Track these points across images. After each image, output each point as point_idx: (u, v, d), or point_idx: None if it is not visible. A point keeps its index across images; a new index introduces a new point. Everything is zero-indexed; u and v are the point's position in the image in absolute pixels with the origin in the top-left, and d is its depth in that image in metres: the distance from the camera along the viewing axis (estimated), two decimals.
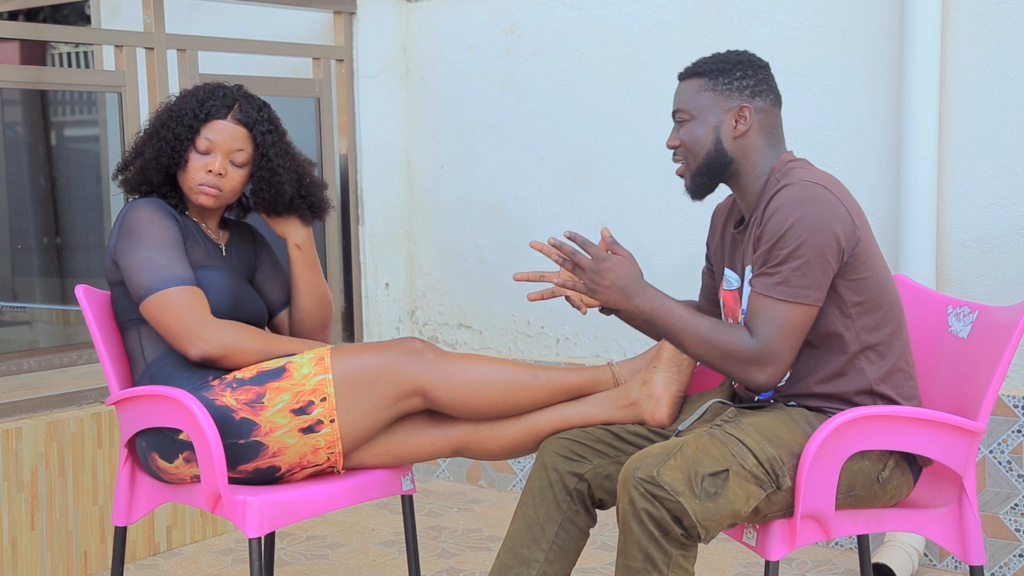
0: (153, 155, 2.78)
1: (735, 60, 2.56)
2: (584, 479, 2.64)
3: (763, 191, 2.53)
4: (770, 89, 2.57)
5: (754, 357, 2.40)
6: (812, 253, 2.38)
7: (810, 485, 2.38)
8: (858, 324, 2.47)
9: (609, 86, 4.29)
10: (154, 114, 2.86)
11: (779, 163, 2.54)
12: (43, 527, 3.53)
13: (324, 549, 3.88)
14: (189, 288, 2.68)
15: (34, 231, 5.10)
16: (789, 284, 2.39)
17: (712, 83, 2.54)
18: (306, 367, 2.68)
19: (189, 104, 2.80)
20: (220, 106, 2.79)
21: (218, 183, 2.78)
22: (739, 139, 2.53)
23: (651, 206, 4.25)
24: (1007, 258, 3.54)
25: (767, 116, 2.55)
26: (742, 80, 2.54)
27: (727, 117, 2.53)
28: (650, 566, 2.30)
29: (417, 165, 4.80)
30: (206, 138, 2.77)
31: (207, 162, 2.77)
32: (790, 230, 2.39)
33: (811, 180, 2.45)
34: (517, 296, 4.56)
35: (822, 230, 2.39)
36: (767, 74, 2.58)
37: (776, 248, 2.40)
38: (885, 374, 2.51)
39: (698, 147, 2.55)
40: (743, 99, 2.53)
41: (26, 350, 4.25)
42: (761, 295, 2.42)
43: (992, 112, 3.55)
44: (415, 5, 4.74)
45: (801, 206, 2.40)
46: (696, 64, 2.59)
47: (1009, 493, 3.48)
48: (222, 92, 2.82)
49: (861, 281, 2.46)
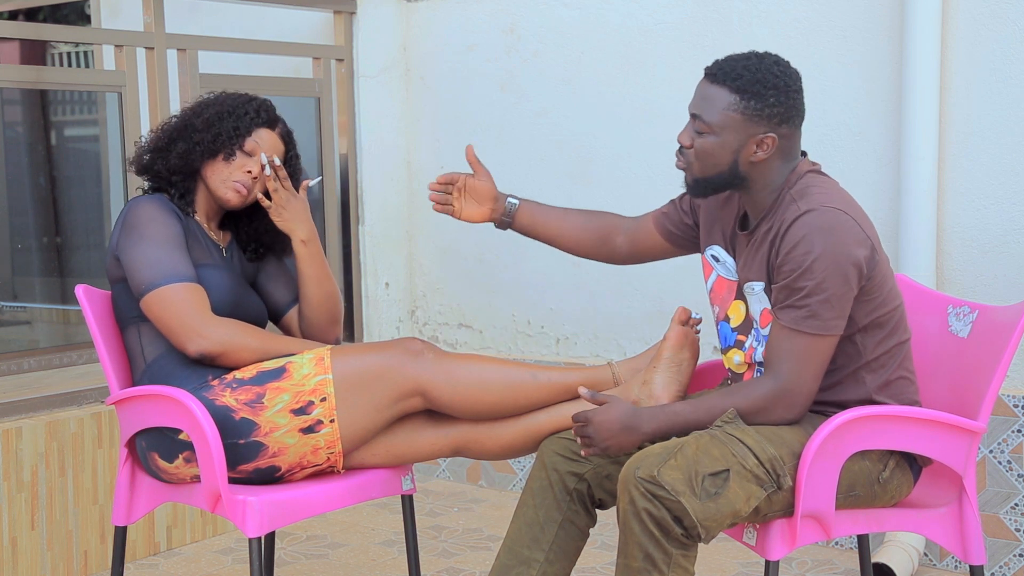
0: (189, 145, 2.80)
1: (772, 83, 2.43)
2: (584, 479, 2.63)
3: (776, 205, 2.48)
4: (798, 112, 2.48)
5: (779, 398, 2.40)
6: (838, 284, 2.36)
7: (810, 485, 2.38)
8: (864, 340, 2.47)
9: (609, 86, 4.29)
10: (190, 108, 2.88)
11: (794, 175, 2.48)
12: (43, 527, 3.53)
13: (324, 549, 3.88)
14: (190, 285, 2.68)
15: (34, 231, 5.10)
16: (819, 317, 2.37)
17: (743, 105, 2.42)
18: (306, 367, 2.68)
19: (242, 108, 2.84)
20: (270, 118, 2.86)
21: (252, 185, 2.82)
22: (757, 163, 2.47)
23: (651, 206, 4.22)
24: (1007, 258, 3.54)
25: (789, 140, 2.48)
26: (775, 108, 2.43)
27: (750, 143, 2.45)
28: (650, 566, 2.30)
29: (417, 165, 4.80)
30: (255, 140, 2.82)
31: (250, 163, 2.81)
32: (815, 263, 2.35)
33: (831, 206, 2.40)
34: (517, 296, 4.56)
35: (846, 260, 2.36)
36: (800, 96, 2.48)
37: (801, 280, 2.37)
38: (884, 383, 2.50)
39: (712, 162, 2.47)
40: (771, 127, 2.44)
41: (26, 350, 4.25)
42: (789, 329, 2.39)
43: (992, 112, 3.55)
44: (415, 5, 4.74)
45: (824, 237, 2.36)
46: (729, 72, 2.44)
47: (1009, 493, 3.48)
48: (267, 105, 2.89)
49: (873, 300, 2.44)
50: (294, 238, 2.89)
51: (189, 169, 2.82)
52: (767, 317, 2.50)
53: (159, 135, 2.87)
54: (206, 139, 2.80)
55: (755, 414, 2.42)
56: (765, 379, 2.43)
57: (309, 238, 2.90)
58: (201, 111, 2.85)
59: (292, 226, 2.88)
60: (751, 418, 2.42)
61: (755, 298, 2.53)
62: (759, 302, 2.52)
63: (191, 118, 2.84)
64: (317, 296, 2.92)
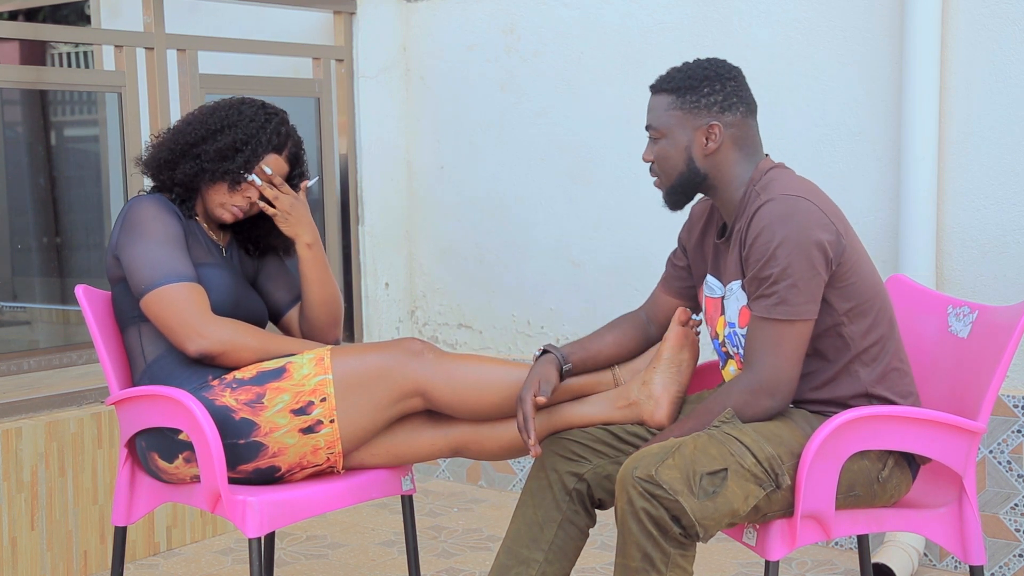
0: (196, 169, 2.78)
1: (702, 75, 2.53)
2: (583, 479, 2.64)
3: (744, 202, 2.52)
4: (740, 100, 2.54)
5: (760, 388, 2.42)
6: (803, 268, 2.38)
7: (810, 485, 2.38)
8: (851, 330, 2.47)
9: (609, 86, 4.29)
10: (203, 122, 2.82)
11: (757, 172, 2.53)
12: (43, 527, 3.53)
13: (324, 549, 3.89)
14: (190, 284, 2.68)
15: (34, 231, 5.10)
16: (788, 303, 2.39)
17: (680, 101, 2.52)
18: (306, 367, 2.68)
19: (255, 136, 2.79)
20: (282, 142, 2.83)
21: (248, 209, 2.83)
22: (711, 156, 2.53)
23: (651, 206, 4.23)
24: (1007, 258, 3.54)
25: (739, 129, 2.54)
26: (710, 96, 2.52)
27: (697, 135, 2.52)
28: (648, 565, 2.30)
29: (417, 165, 4.80)
30: (263, 168, 2.81)
31: (251, 189, 2.81)
32: (778, 249, 2.38)
33: (791, 193, 2.44)
34: (517, 296, 4.56)
35: (808, 243, 2.39)
36: (737, 84, 2.55)
37: (766, 268, 2.40)
38: (879, 376, 2.51)
39: (670, 166, 2.55)
40: (712, 116, 2.52)
41: (26, 350, 4.25)
42: (762, 319, 2.42)
43: (992, 112, 3.55)
44: (415, 5, 4.74)
45: (784, 223, 2.40)
46: (664, 79, 2.57)
47: (1009, 493, 3.48)
48: (279, 120, 2.84)
49: (849, 287, 2.46)
50: (299, 242, 2.89)
51: (192, 186, 2.82)
52: (745, 315, 2.51)
53: (171, 144, 2.83)
54: (215, 169, 2.78)
55: (742, 409, 2.43)
56: (744, 374, 2.45)
57: (313, 241, 2.90)
58: (216, 135, 2.80)
59: (297, 230, 2.88)
60: (740, 415, 2.43)
61: (733, 297, 2.54)
62: (736, 301, 2.53)
63: (204, 140, 2.80)
64: (319, 298, 2.92)
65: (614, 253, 4.32)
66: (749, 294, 2.46)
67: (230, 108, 2.84)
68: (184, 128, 2.85)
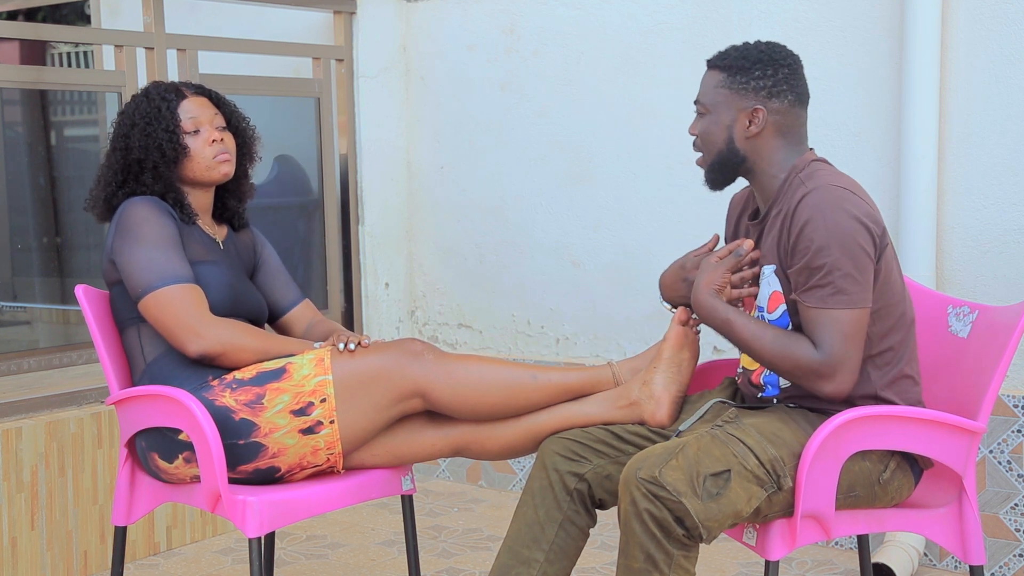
0: (153, 173, 2.79)
1: (756, 58, 2.53)
2: (584, 479, 2.63)
3: (784, 189, 2.52)
4: (791, 89, 2.54)
5: (821, 369, 2.40)
6: (857, 256, 2.39)
7: (810, 485, 2.38)
8: (870, 331, 2.46)
9: (609, 86, 4.29)
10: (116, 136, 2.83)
11: (801, 162, 2.53)
12: (43, 527, 3.53)
13: (324, 549, 3.88)
14: (187, 286, 2.68)
15: (34, 231, 5.10)
16: (845, 292, 2.39)
17: (730, 80, 2.53)
18: (306, 368, 2.68)
19: (152, 105, 2.81)
20: (176, 93, 2.84)
21: (227, 147, 2.84)
22: (752, 139, 2.53)
23: (651, 206, 4.25)
24: (1007, 258, 3.54)
25: (784, 117, 2.53)
26: (760, 80, 2.51)
27: (740, 116, 2.53)
28: (651, 566, 2.30)
29: (417, 165, 4.80)
30: (189, 117, 2.81)
31: (206, 135, 2.82)
32: (828, 239, 2.38)
33: (836, 184, 2.45)
34: (517, 296, 4.56)
35: (859, 233, 2.39)
36: (790, 72, 2.54)
37: (817, 259, 2.39)
38: (890, 380, 2.51)
39: (711, 143, 2.56)
40: (758, 100, 2.51)
41: (26, 350, 4.24)
42: (818, 308, 2.41)
43: (992, 112, 3.55)
44: (415, 5, 4.74)
45: (834, 212, 2.40)
46: (720, 55, 2.57)
47: (1009, 493, 3.48)
48: (163, 85, 2.87)
49: (879, 286, 2.45)
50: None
51: (169, 184, 2.82)
52: (776, 301, 2.51)
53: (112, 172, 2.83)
54: (157, 157, 2.78)
55: (796, 371, 2.42)
56: (813, 349, 2.42)
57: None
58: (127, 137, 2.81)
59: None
60: (790, 371, 2.43)
61: (765, 282, 2.54)
62: (768, 286, 2.53)
63: (128, 149, 2.80)
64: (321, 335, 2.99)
65: (614, 253, 4.32)
66: (798, 285, 2.45)
67: (121, 114, 2.87)
68: (112, 155, 2.85)
